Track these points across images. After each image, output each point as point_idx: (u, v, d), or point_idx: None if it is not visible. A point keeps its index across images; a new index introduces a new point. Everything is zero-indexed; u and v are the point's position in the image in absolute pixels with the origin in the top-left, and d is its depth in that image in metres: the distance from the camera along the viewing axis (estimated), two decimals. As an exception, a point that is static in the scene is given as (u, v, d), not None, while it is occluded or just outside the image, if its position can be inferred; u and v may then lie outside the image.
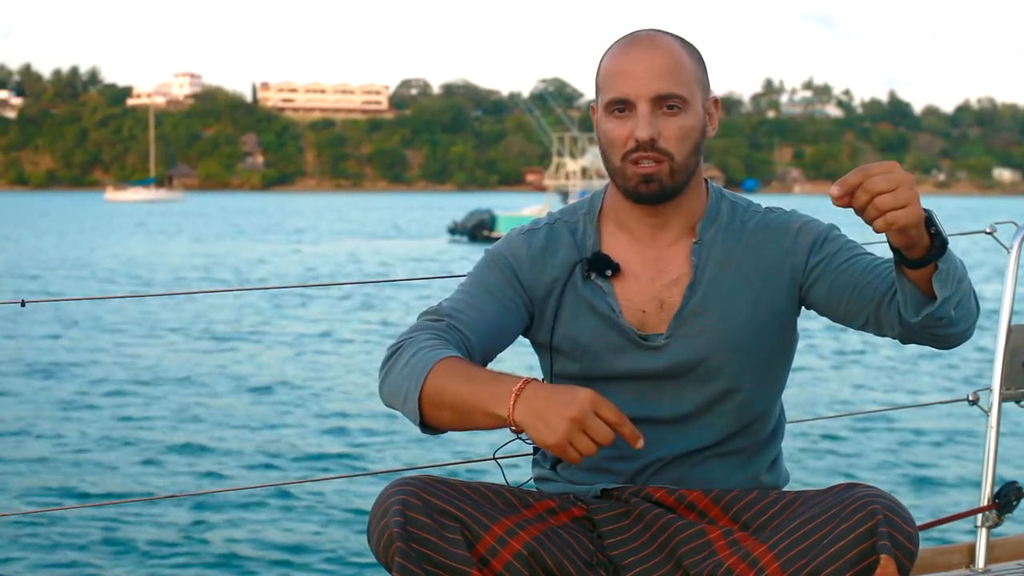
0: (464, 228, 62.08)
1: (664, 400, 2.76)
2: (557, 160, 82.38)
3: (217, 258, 50.50)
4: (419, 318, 2.73)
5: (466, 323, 2.70)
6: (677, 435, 2.77)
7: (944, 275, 2.43)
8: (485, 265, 2.84)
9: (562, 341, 2.79)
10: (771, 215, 2.85)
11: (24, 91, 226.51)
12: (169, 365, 20.90)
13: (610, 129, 2.72)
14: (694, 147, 2.73)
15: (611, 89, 2.71)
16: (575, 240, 2.83)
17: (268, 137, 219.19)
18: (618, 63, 2.72)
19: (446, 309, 2.72)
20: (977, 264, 49.08)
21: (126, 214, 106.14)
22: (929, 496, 12.20)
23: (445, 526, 2.49)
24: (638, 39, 2.74)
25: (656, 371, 2.74)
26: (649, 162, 2.68)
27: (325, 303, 31.99)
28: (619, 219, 2.82)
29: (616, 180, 2.76)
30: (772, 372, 2.82)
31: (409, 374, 2.53)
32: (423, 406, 2.51)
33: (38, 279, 39.41)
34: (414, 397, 2.51)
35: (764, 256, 2.78)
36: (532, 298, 2.80)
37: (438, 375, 2.50)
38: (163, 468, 13.27)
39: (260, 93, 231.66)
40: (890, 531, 2.41)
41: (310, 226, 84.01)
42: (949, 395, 16.09)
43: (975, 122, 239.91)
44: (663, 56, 2.69)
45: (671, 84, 2.68)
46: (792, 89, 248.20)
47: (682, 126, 2.69)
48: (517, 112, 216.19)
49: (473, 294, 2.77)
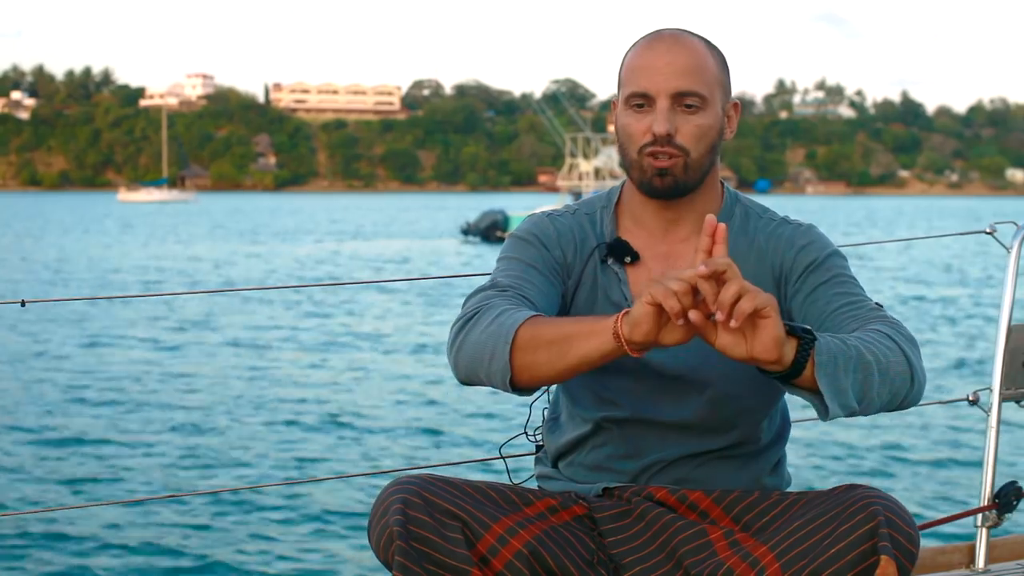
0: (477, 228, 62.02)
1: (666, 402, 2.76)
2: (570, 161, 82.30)
3: (224, 258, 50.52)
4: (475, 294, 2.69)
5: (528, 292, 2.70)
6: (679, 438, 2.78)
7: (831, 383, 2.39)
8: (516, 244, 2.83)
9: None
10: (785, 227, 2.84)
11: (37, 92, 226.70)
12: (169, 365, 20.92)
13: (629, 123, 2.73)
14: (710, 146, 2.74)
15: (632, 83, 2.73)
16: (594, 228, 2.85)
17: (280, 138, 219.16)
18: (641, 58, 2.74)
19: (505, 282, 2.71)
20: (977, 264, 49.08)
21: (139, 214, 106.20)
22: (929, 496, 12.18)
23: (446, 525, 2.50)
24: (663, 36, 2.75)
25: (659, 369, 2.74)
26: (665, 156, 2.70)
27: (325, 302, 31.99)
28: (634, 214, 2.84)
29: (632, 173, 2.77)
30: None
31: (496, 331, 2.51)
32: (514, 355, 2.48)
33: (40, 277, 39.53)
34: (505, 349, 2.48)
35: (770, 265, 2.79)
36: (561, 272, 2.82)
37: (531, 324, 2.50)
38: (163, 468, 13.25)
39: (272, 94, 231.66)
40: (891, 532, 2.42)
41: (333, 226, 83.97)
42: (949, 395, 16.06)
43: (988, 122, 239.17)
44: (686, 54, 2.71)
45: (692, 82, 2.69)
46: (804, 90, 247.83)
47: (699, 124, 2.70)
48: (529, 113, 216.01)
49: (519, 269, 2.77)
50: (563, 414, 2.91)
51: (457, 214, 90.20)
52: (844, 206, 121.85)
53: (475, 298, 2.66)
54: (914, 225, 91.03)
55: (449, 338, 2.63)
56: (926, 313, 30.24)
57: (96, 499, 11.68)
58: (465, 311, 2.62)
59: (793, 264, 2.77)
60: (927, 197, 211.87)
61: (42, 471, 13.06)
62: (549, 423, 2.96)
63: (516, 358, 2.48)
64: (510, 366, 2.48)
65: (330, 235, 72.26)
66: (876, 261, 49.57)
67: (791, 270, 2.77)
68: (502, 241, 4.89)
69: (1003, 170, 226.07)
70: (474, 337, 2.55)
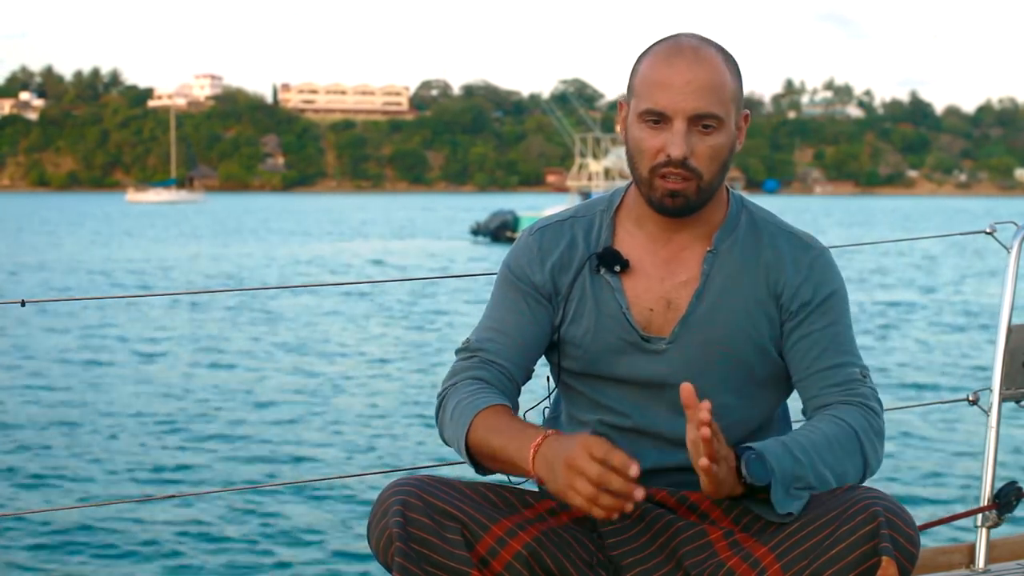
0: (487, 229, 62.08)
1: (661, 414, 2.75)
2: (580, 161, 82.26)
3: (232, 257, 50.52)
4: (456, 355, 2.81)
5: (497, 351, 2.76)
6: (675, 450, 2.74)
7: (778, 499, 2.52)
8: (502, 284, 2.86)
9: (567, 336, 2.79)
10: (794, 243, 2.81)
11: (46, 93, 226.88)
12: (171, 365, 20.94)
13: (642, 138, 2.68)
14: (722, 165, 2.70)
15: (648, 98, 2.66)
16: (588, 237, 2.83)
17: (289, 138, 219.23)
18: (659, 72, 2.67)
19: (475, 344, 2.79)
20: (977, 264, 49.02)
21: (147, 215, 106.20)
22: (929, 496, 12.18)
23: (445, 526, 2.51)
24: (682, 50, 2.68)
25: (655, 378, 2.73)
26: (678, 178, 2.66)
27: (325, 303, 32.00)
28: (637, 218, 2.81)
29: (641, 188, 2.73)
30: (768, 392, 2.80)
31: (454, 431, 2.67)
32: (472, 456, 2.63)
33: (41, 277, 39.56)
34: (464, 452, 2.63)
35: (773, 282, 2.76)
36: (549, 296, 2.81)
37: (476, 431, 2.61)
38: (163, 468, 13.27)
39: (281, 94, 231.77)
40: (891, 533, 2.42)
41: (343, 227, 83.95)
42: (949, 395, 16.04)
43: (996, 122, 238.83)
44: (706, 73, 2.65)
45: (710, 104, 2.64)
46: (813, 90, 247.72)
47: (714, 145, 2.66)
48: (537, 113, 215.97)
49: (497, 318, 2.81)
50: (563, 415, 2.91)
51: (467, 215, 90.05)
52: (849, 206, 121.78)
53: (451, 368, 2.81)
54: (918, 225, 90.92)
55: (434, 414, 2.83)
56: (926, 313, 30.23)
57: (96, 499, 11.67)
58: (440, 392, 2.80)
59: (795, 293, 2.74)
60: (935, 197, 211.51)
61: (43, 471, 13.07)
62: (549, 422, 2.95)
63: (474, 458, 2.64)
64: (473, 463, 2.64)
65: (338, 236, 72.18)
66: (876, 261, 49.52)
67: (791, 299, 2.74)
68: (512, 242, 4.89)
69: (1012, 170, 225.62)
70: (445, 430, 2.73)
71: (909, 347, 22.91)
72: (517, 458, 2.50)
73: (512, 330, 2.78)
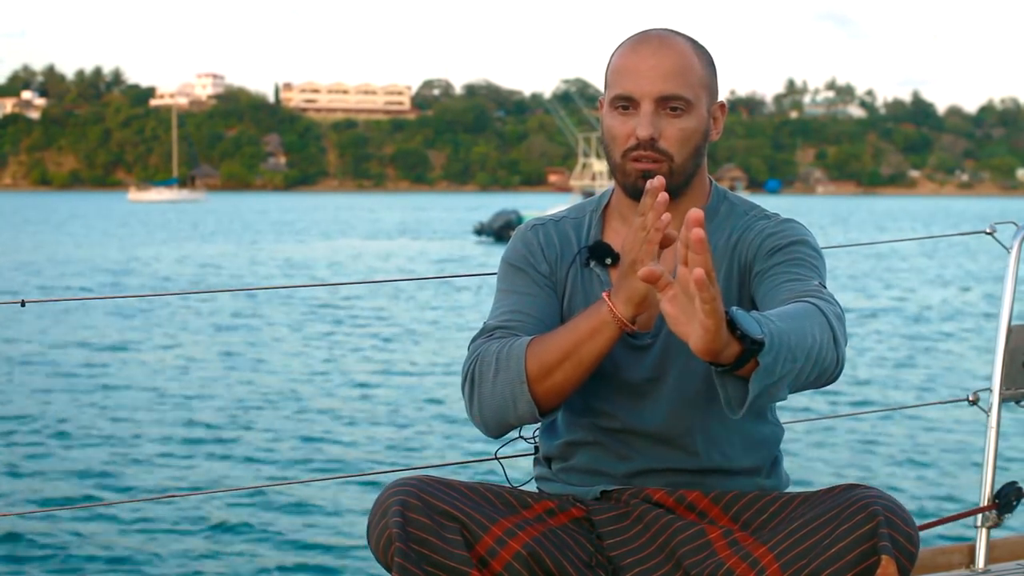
0: (490, 228, 62.06)
1: (650, 412, 2.75)
2: (583, 160, 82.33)
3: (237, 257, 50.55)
4: (470, 345, 2.76)
5: (517, 327, 2.74)
6: (666, 451, 2.76)
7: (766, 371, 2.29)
8: (506, 272, 2.87)
9: None
10: (764, 221, 2.80)
11: (47, 92, 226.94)
12: (171, 366, 20.94)
13: (613, 125, 2.74)
14: (694, 150, 2.73)
15: (617, 85, 2.73)
16: (579, 235, 2.86)
17: (290, 138, 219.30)
18: (627, 60, 2.74)
19: (492, 324, 2.76)
20: (977, 264, 49.00)
21: (150, 214, 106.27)
22: (929, 496, 12.18)
23: (444, 527, 2.51)
24: (649, 38, 2.75)
25: (640, 376, 2.74)
26: (648, 160, 2.70)
27: (324, 303, 32.00)
28: (622, 214, 2.84)
29: (617, 175, 2.78)
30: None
31: (506, 377, 2.61)
32: (534, 389, 2.59)
33: (42, 276, 39.58)
34: (523, 389, 2.59)
35: (739, 260, 2.76)
36: (553, 285, 2.84)
37: (533, 350, 2.60)
38: (163, 468, 13.27)
39: (283, 94, 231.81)
40: (891, 532, 2.42)
41: (345, 226, 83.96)
42: (949, 395, 16.04)
43: (998, 122, 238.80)
44: (672, 57, 2.70)
45: (676, 86, 2.69)
46: (815, 89, 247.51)
47: (683, 128, 2.70)
48: (539, 112, 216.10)
49: (509, 303, 2.81)
50: (559, 417, 2.90)
51: (469, 215, 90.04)
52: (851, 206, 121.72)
53: (471, 348, 2.73)
54: (919, 225, 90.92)
55: (465, 403, 2.71)
56: (926, 313, 30.23)
57: (96, 499, 11.67)
58: (465, 371, 2.70)
59: (758, 251, 2.73)
60: (937, 197, 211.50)
61: (43, 471, 13.08)
62: (546, 425, 2.95)
63: (537, 391, 2.59)
64: (534, 402, 2.59)
65: (342, 235, 72.22)
66: (876, 261, 49.53)
67: (755, 258, 2.73)
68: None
69: (1014, 170, 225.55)
70: (488, 391, 2.64)
71: (909, 347, 22.99)
72: (594, 319, 2.58)
73: (528, 308, 2.78)
